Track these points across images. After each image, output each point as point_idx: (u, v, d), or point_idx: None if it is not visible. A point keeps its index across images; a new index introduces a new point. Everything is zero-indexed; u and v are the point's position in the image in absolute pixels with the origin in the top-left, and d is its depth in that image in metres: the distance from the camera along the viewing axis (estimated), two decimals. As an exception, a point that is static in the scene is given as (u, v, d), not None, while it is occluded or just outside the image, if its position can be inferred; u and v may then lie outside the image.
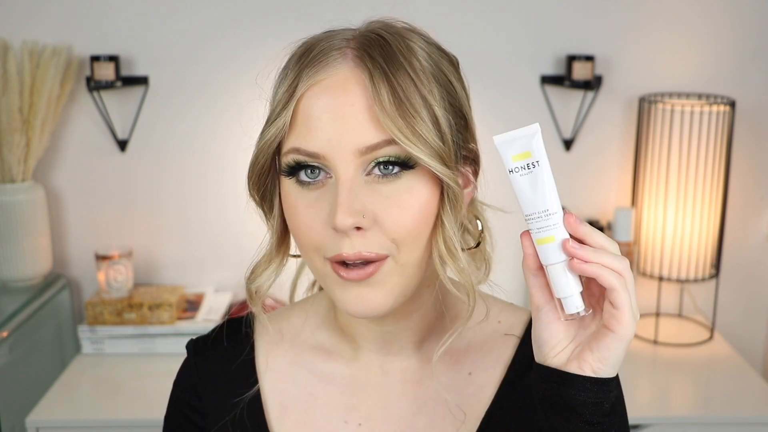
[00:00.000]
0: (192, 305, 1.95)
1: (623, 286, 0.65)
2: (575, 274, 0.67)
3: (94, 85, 1.88)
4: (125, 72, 1.93)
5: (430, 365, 0.83)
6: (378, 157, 0.70)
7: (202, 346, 0.89)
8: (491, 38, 1.96)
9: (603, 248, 0.66)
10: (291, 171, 0.73)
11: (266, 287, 0.81)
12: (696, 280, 1.93)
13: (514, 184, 0.68)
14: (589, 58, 1.90)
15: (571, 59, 1.90)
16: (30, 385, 1.80)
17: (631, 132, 2.01)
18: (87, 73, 1.91)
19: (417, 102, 0.70)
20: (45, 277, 1.96)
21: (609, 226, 2.00)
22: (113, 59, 1.87)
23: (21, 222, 1.88)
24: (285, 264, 0.81)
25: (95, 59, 1.86)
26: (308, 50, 0.73)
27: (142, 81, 1.94)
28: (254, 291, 0.81)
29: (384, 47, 0.71)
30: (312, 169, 0.72)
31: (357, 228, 0.70)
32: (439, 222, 0.74)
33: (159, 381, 1.67)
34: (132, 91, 1.96)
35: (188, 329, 1.85)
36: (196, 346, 0.89)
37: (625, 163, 2.03)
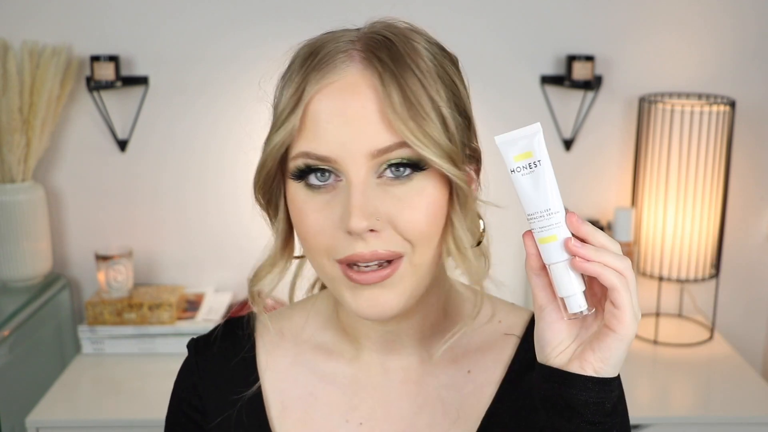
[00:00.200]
0: (192, 305, 1.95)
1: (625, 286, 0.65)
2: (578, 274, 0.67)
3: (94, 85, 1.88)
4: (125, 72, 1.93)
5: (431, 364, 0.83)
6: (390, 160, 0.70)
7: (203, 346, 0.89)
8: (491, 38, 1.96)
9: (605, 247, 0.66)
10: (300, 175, 0.72)
11: (270, 289, 0.81)
12: (696, 280, 1.93)
13: (516, 184, 0.68)
14: (589, 58, 1.90)
15: (571, 59, 1.90)
16: (30, 385, 1.80)
17: (631, 132, 2.01)
18: (87, 73, 1.91)
19: (426, 103, 0.70)
20: (45, 277, 1.96)
21: (609, 226, 2.00)
22: (113, 59, 1.87)
23: (21, 222, 1.88)
24: (289, 266, 0.81)
25: (95, 59, 1.86)
26: (313, 53, 0.72)
27: (142, 81, 1.94)
28: (257, 293, 0.81)
29: (391, 48, 0.71)
30: (322, 172, 0.71)
31: (371, 230, 0.70)
32: (449, 222, 0.75)
33: (159, 381, 1.67)
34: (132, 91, 1.96)
35: (188, 329, 1.85)
36: (197, 346, 0.89)
37: (625, 163, 2.03)
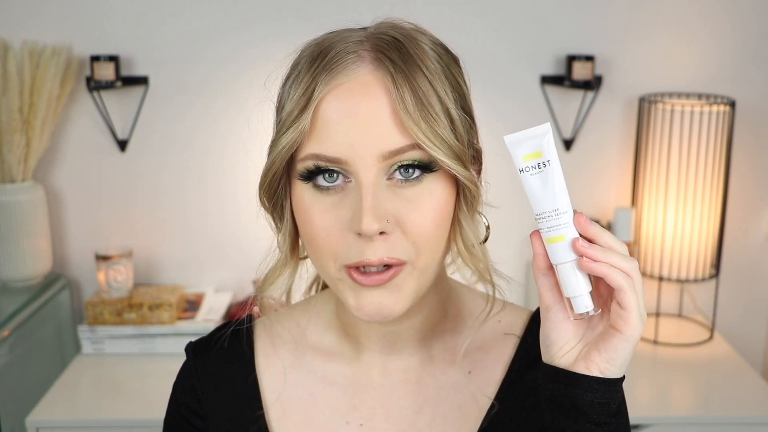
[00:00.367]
0: (192, 305, 1.95)
1: (631, 287, 0.65)
2: (584, 274, 0.67)
3: (94, 85, 1.88)
4: (125, 72, 1.93)
5: (431, 364, 0.83)
6: (401, 161, 0.70)
7: (202, 349, 0.89)
8: (491, 38, 1.96)
9: (612, 248, 0.67)
10: (308, 176, 0.72)
11: (281, 293, 0.80)
12: (696, 280, 1.93)
13: (525, 184, 0.68)
14: (589, 58, 1.90)
15: (571, 59, 1.90)
16: (30, 385, 1.80)
17: (631, 132, 2.01)
18: (87, 73, 1.91)
19: (436, 104, 0.70)
20: (45, 277, 1.96)
21: (609, 226, 2.00)
22: (113, 59, 1.87)
23: (21, 222, 1.88)
24: (298, 268, 0.81)
25: (95, 59, 1.86)
26: (321, 53, 0.71)
27: (142, 81, 1.94)
28: (265, 298, 0.81)
29: (401, 49, 0.71)
30: (330, 174, 0.71)
31: (381, 232, 0.70)
32: (456, 222, 0.75)
33: (159, 381, 1.67)
34: (132, 91, 1.96)
35: (188, 329, 1.85)
36: (196, 349, 0.89)
37: (625, 163, 2.03)
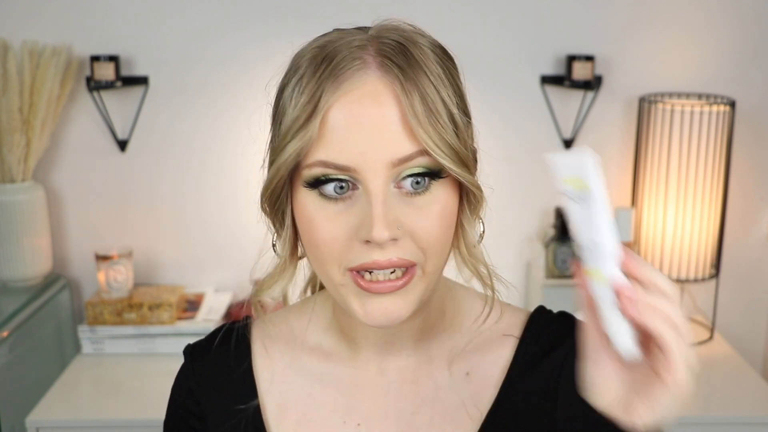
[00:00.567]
0: (192, 305, 1.95)
1: (675, 337, 0.59)
2: None
3: (94, 85, 1.88)
4: (125, 72, 1.93)
5: (429, 364, 0.83)
6: (410, 167, 0.69)
7: (199, 351, 0.89)
8: (491, 38, 1.96)
9: (657, 290, 0.60)
10: (315, 183, 0.70)
11: (279, 297, 0.80)
12: (696, 280, 1.93)
13: (566, 208, 0.63)
14: (589, 58, 1.90)
15: (571, 59, 1.90)
16: (30, 385, 1.80)
17: (631, 132, 2.00)
18: (87, 73, 1.91)
19: (441, 109, 0.69)
20: (45, 277, 1.96)
21: (609, 226, 1.99)
22: (113, 59, 1.87)
23: (21, 222, 1.88)
24: (296, 272, 0.80)
25: (95, 59, 1.86)
26: (325, 59, 0.70)
27: (142, 81, 1.94)
28: (259, 303, 0.80)
29: (405, 54, 0.70)
30: (340, 184, 0.70)
31: (392, 240, 0.69)
32: (459, 226, 0.74)
33: (159, 381, 1.67)
34: (132, 91, 1.96)
35: (188, 329, 1.85)
36: (193, 351, 0.89)
37: (625, 163, 2.03)
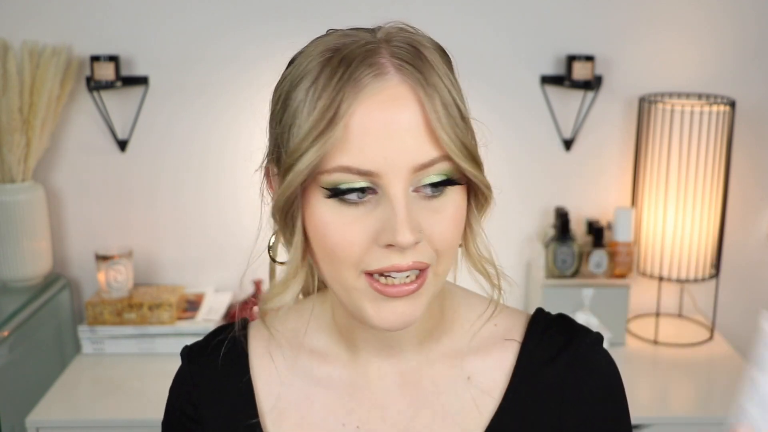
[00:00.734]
0: (192, 305, 1.95)
1: None
2: None
3: (94, 85, 1.88)
4: (125, 72, 1.93)
5: (429, 367, 0.83)
6: (430, 175, 0.69)
7: (197, 354, 0.88)
8: (491, 38, 1.96)
9: None
10: (334, 188, 0.69)
11: (290, 302, 0.78)
12: (696, 280, 1.93)
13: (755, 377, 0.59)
14: (589, 58, 1.90)
15: (571, 59, 1.90)
16: (30, 385, 1.80)
17: (631, 132, 2.00)
18: (87, 73, 1.91)
19: (456, 113, 0.69)
20: (45, 278, 1.96)
21: (609, 226, 1.99)
22: (113, 59, 1.87)
23: (21, 222, 1.88)
24: (305, 277, 0.79)
25: (95, 59, 1.86)
26: (341, 63, 0.69)
27: (142, 81, 1.94)
28: (268, 310, 0.79)
29: (420, 57, 0.70)
30: (362, 191, 0.69)
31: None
32: (469, 227, 0.75)
33: (159, 381, 1.67)
34: (132, 91, 1.96)
35: (188, 329, 1.85)
36: (191, 354, 0.88)
37: (625, 163, 2.03)
